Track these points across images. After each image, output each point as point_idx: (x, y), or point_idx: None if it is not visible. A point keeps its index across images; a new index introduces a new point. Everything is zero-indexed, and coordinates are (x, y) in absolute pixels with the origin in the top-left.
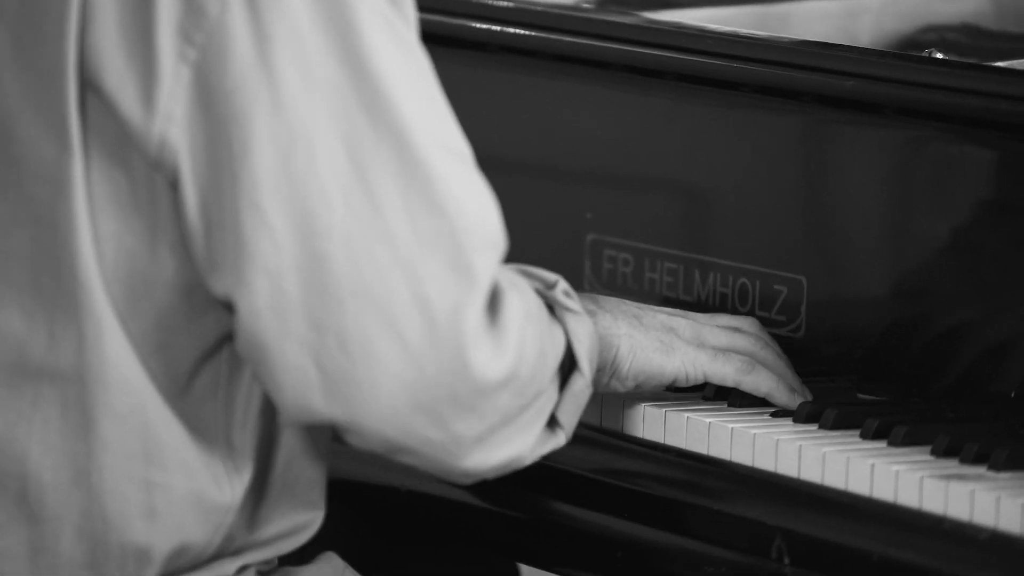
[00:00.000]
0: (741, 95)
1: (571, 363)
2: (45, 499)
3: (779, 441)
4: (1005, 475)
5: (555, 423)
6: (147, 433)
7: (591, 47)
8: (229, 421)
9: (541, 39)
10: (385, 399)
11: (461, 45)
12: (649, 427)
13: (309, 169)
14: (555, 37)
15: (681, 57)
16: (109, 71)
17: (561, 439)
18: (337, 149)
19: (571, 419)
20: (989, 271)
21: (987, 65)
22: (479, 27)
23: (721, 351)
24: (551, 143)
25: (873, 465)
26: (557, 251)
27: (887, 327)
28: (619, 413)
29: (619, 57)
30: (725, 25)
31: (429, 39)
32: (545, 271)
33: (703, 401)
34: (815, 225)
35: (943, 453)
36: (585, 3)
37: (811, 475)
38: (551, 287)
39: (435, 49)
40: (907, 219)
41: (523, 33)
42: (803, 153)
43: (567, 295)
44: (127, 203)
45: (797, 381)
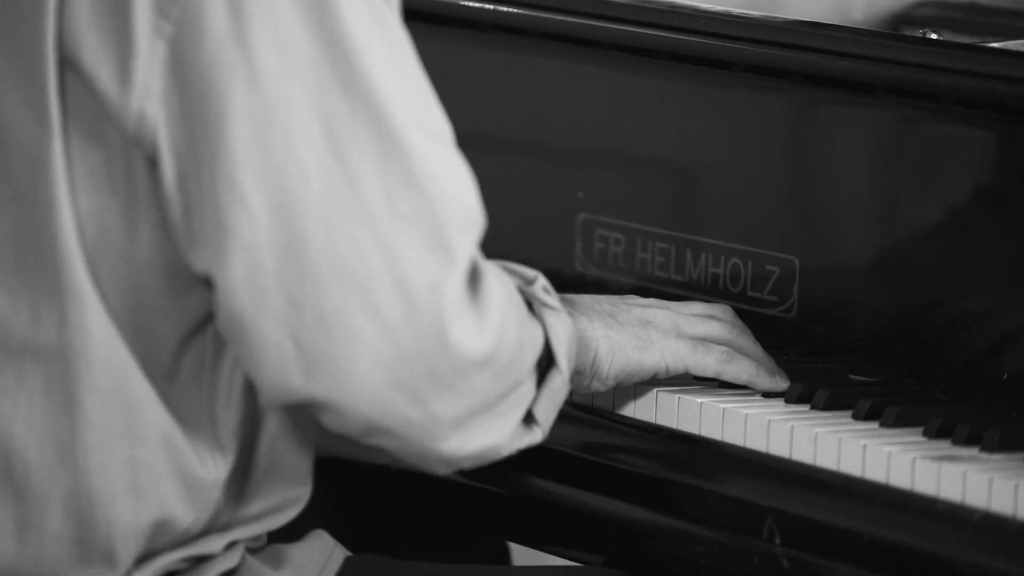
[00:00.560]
0: (733, 75)
1: (549, 360)
2: (31, 476)
3: (771, 421)
4: (997, 457)
5: (532, 419)
6: (131, 410)
7: (583, 26)
8: (213, 398)
9: (533, 17)
10: (364, 376)
11: (453, 23)
12: (640, 407)
13: (286, 146)
14: (547, 16)
15: (673, 36)
16: (86, 47)
17: (537, 436)
18: (314, 126)
19: (547, 416)
20: (982, 252)
21: (980, 46)
22: (471, 5)
23: (700, 341)
24: (542, 122)
25: (865, 446)
26: (548, 230)
27: (879, 308)
28: (610, 393)
29: (611, 36)
30: (718, 4)
31: (421, 17)
32: (524, 267)
33: (694, 381)
34: (807, 205)
35: (935, 434)
36: None
37: (803, 456)
38: (530, 283)
39: (427, 27)
40: (899, 200)
41: (515, 11)
42: (795, 133)
43: (546, 291)
44: (103, 181)
45: (774, 364)
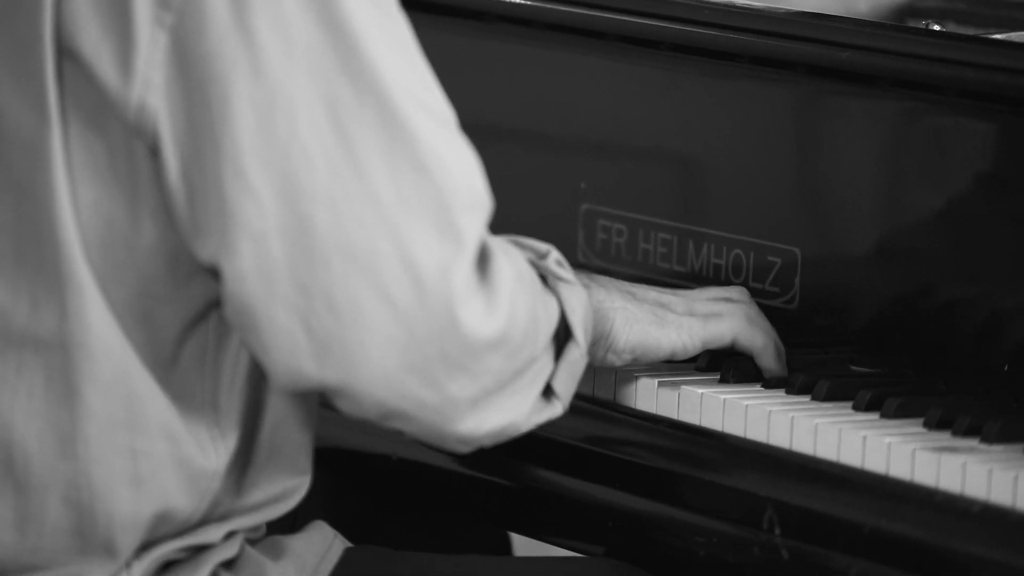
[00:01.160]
0: (737, 66)
1: (566, 333)
2: (31, 468)
3: (771, 412)
4: (997, 448)
5: (551, 393)
6: (131, 401)
7: (586, 16)
8: (215, 388)
9: (536, 8)
10: (376, 361)
11: (457, 14)
12: (642, 397)
13: (290, 132)
14: (550, 6)
15: (676, 27)
16: (85, 37)
17: (558, 409)
18: (318, 111)
19: (567, 389)
20: (983, 243)
21: (983, 37)
22: None
23: (713, 314)
24: (546, 113)
25: (865, 437)
26: (551, 221)
27: (881, 299)
28: (612, 383)
29: (615, 27)
30: None
31: (425, 8)
32: (537, 241)
33: (696, 372)
34: (809, 196)
35: (936, 425)
36: None
37: (803, 446)
38: (543, 257)
39: (431, 18)
40: (901, 191)
41: (519, 2)
42: (798, 124)
43: (560, 265)
44: (106, 170)
45: (782, 350)
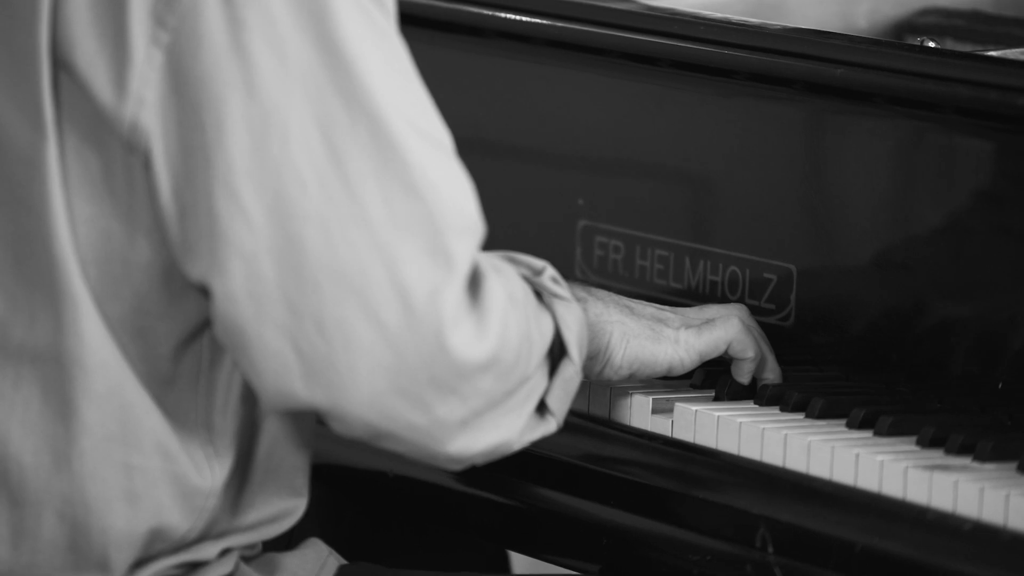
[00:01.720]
0: (734, 82)
1: (560, 350)
2: (26, 482)
3: (765, 430)
4: (990, 466)
5: (546, 410)
6: (126, 416)
7: (584, 33)
8: (210, 406)
9: (535, 24)
10: (365, 384)
11: (455, 30)
12: (636, 415)
13: (283, 153)
14: (548, 23)
15: (674, 44)
16: (81, 52)
17: (552, 426)
18: (312, 133)
19: (561, 406)
20: (979, 261)
21: (978, 54)
22: (472, 11)
23: (707, 322)
24: (544, 129)
25: (858, 455)
26: (549, 237)
27: (876, 316)
28: (607, 400)
29: (612, 43)
30: (721, 12)
31: (424, 23)
32: (533, 258)
33: (691, 389)
34: (805, 213)
35: (929, 443)
36: None
37: (796, 464)
38: (538, 273)
39: (429, 33)
40: (897, 208)
41: (517, 19)
42: (794, 141)
43: (555, 282)
44: (102, 185)
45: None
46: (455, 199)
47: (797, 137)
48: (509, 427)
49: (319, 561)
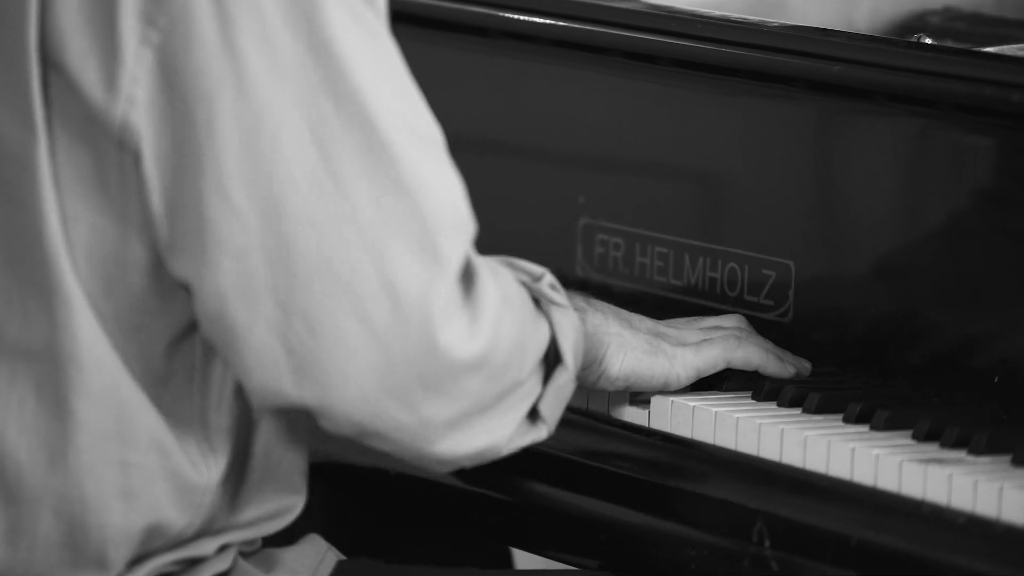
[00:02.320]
0: (734, 80)
1: (556, 356)
2: (22, 480)
3: (761, 425)
4: (984, 459)
5: (537, 416)
6: (121, 413)
7: (584, 31)
8: (204, 402)
9: (534, 23)
10: (354, 382)
11: (456, 29)
12: (633, 411)
13: (274, 151)
14: (548, 21)
15: (673, 42)
16: (71, 51)
17: (543, 432)
18: (302, 132)
19: (553, 413)
20: (976, 257)
21: (975, 51)
22: (474, 11)
23: (704, 341)
24: (544, 127)
25: (854, 449)
26: (549, 235)
27: (874, 312)
28: (605, 396)
29: (613, 42)
30: (720, 10)
31: (426, 23)
32: (531, 264)
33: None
34: (804, 210)
35: (924, 437)
36: None
37: (792, 459)
38: (537, 280)
39: (431, 33)
40: (896, 205)
41: (516, 18)
42: (794, 139)
43: (553, 289)
44: (94, 184)
45: (788, 355)
46: (445, 197)
47: (797, 134)
48: (498, 431)
49: (318, 556)
